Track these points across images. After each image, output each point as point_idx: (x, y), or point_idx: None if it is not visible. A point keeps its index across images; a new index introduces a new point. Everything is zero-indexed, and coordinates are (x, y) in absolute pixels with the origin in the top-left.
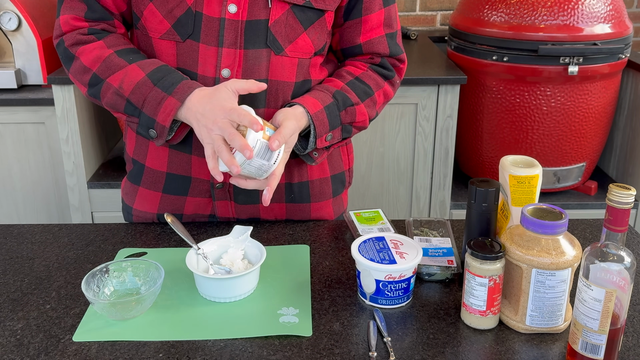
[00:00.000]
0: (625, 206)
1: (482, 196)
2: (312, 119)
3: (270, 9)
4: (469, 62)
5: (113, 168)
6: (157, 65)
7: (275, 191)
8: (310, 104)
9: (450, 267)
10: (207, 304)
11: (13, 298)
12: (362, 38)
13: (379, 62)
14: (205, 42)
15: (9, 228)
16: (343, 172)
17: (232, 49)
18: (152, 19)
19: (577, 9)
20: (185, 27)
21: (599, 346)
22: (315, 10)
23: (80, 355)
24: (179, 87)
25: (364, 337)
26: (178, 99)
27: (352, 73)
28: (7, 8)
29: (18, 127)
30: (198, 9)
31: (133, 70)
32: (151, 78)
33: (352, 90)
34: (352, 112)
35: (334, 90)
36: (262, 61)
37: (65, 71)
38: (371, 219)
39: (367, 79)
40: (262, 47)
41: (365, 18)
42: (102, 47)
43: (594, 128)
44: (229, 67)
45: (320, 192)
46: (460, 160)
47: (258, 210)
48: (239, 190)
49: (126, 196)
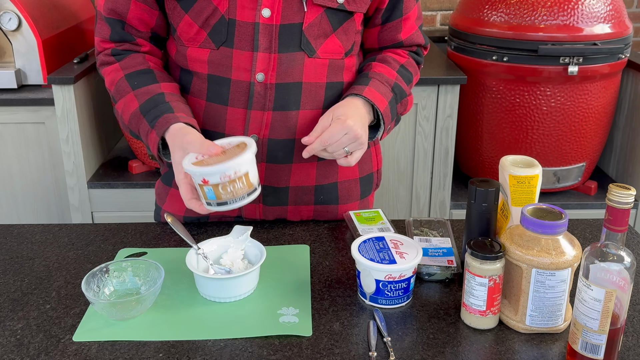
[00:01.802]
0: (625, 206)
1: (482, 196)
2: (382, 115)
3: (305, 12)
4: (469, 62)
5: (113, 168)
6: (152, 94)
7: (305, 193)
8: (379, 100)
9: (450, 267)
10: (207, 304)
11: (13, 298)
12: (404, 35)
13: (415, 50)
14: (240, 48)
15: (9, 228)
16: (372, 174)
17: (266, 53)
18: (188, 30)
19: (577, 9)
20: (219, 34)
21: (599, 346)
22: (346, 13)
23: (80, 355)
24: (158, 122)
25: (364, 337)
26: (157, 134)
27: (398, 61)
28: (7, 8)
29: (18, 127)
30: (231, 16)
31: (131, 101)
32: (141, 110)
33: (403, 79)
34: (405, 103)
35: (392, 82)
36: (296, 64)
37: (66, 71)
38: (371, 219)
39: (409, 67)
40: (296, 50)
41: (405, 17)
42: (117, 69)
43: (593, 128)
44: (263, 71)
45: (349, 194)
46: (460, 160)
47: (286, 211)
48: (268, 191)
49: (158, 197)
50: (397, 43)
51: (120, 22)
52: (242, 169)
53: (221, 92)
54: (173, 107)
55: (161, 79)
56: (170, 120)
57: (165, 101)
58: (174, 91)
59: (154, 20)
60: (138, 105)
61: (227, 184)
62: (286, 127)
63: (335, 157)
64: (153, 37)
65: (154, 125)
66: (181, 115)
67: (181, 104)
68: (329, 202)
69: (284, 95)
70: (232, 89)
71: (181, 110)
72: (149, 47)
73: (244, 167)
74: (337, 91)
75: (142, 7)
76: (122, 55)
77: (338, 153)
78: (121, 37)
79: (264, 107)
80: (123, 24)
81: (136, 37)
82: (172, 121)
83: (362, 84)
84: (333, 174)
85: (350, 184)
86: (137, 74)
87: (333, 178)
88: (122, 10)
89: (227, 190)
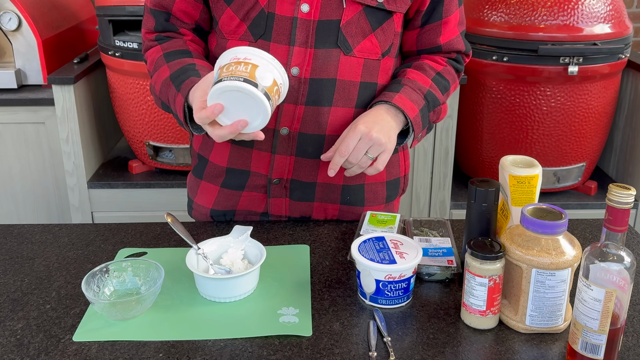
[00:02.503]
0: (625, 206)
1: (482, 196)
2: (411, 124)
3: (344, 9)
4: (468, 62)
5: (113, 168)
6: (184, 64)
7: (332, 191)
8: (409, 108)
9: (450, 267)
10: (207, 304)
11: (13, 298)
12: (443, 39)
13: (455, 57)
14: (277, 41)
15: (9, 228)
16: (399, 178)
17: (302, 47)
18: (229, 23)
19: (577, 9)
20: (258, 27)
21: (599, 346)
22: (385, 12)
23: (80, 355)
24: (185, 83)
25: (364, 337)
26: (182, 94)
27: (434, 68)
28: (7, 8)
29: (18, 127)
30: (270, 10)
31: (164, 71)
32: (171, 77)
33: (438, 88)
34: (439, 111)
35: (425, 90)
36: (331, 61)
37: (66, 71)
38: (382, 222)
39: (447, 74)
40: (332, 47)
41: (445, 20)
42: (158, 50)
43: (593, 128)
44: (299, 66)
45: (375, 197)
46: (460, 160)
47: (312, 208)
48: (296, 185)
49: (190, 190)
50: (435, 47)
51: (165, 13)
52: (254, 59)
53: None
54: (201, 73)
55: (197, 58)
56: (195, 82)
57: (194, 69)
58: (206, 65)
59: (198, 13)
60: (169, 74)
61: (232, 64)
62: (317, 122)
63: (364, 168)
64: (196, 29)
65: (180, 89)
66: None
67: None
68: (354, 203)
69: (317, 91)
70: None
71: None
72: (192, 37)
73: (256, 60)
74: (370, 92)
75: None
76: (165, 40)
77: (363, 161)
78: (164, 27)
79: (297, 101)
80: (168, 15)
81: (180, 27)
82: (197, 82)
83: (393, 90)
84: (361, 175)
85: (376, 187)
86: (175, 53)
87: (360, 179)
88: (168, 3)
89: (229, 70)
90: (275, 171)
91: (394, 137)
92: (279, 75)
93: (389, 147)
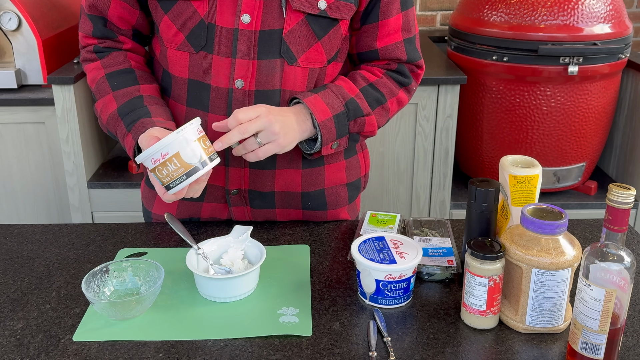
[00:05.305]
0: (625, 206)
1: (482, 196)
2: (319, 127)
3: (284, 18)
4: (469, 62)
5: (113, 168)
6: (130, 97)
7: (292, 198)
8: (320, 110)
9: (450, 267)
10: (207, 304)
11: (13, 298)
12: (380, 43)
13: (396, 68)
14: (219, 54)
15: (9, 228)
16: (359, 179)
17: (245, 59)
18: (167, 31)
19: (577, 9)
20: (198, 38)
21: (599, 346)
22: (329, 20)
23: (80, 355)
24: (135, 126)
25: (364, 337)
26: (133, 137)
27: (366, 79)
28: (7, 8)
29: (18, 127)
30: (211, 21)
31: (110, 102)
32: (119, 112)
33: (365, 98)
34: (362, 123)
35: (348, 97)
36: (275, 71)
37: (66, 71)
38: (382, 222)
39: (381, 86)
40: (275, 57)
41: (382, 22)
42: (99, 67)
43: (593, 128)
44: (242, 78)
45: (337, 200)
46: (460, 160)
47: (274, 214)
48: (255, 195)
49: (145, 200)
50: (372, 51)
51: (101, 19)
52: (169, 150)
53: (201, 98)
54: (151, 110)
55: (142, 80)
56: (146, 125)
57: (143, 105)
58: (154, 93)
59: (134, 19)
60: (116, 107)
61: (160, 167)
62: None
63: (247, 150)
64: (135, 35)
65: (130, 129)
66: (158, 120)
67: (159, 107)
68: (317, 208)
69: (263, 102)
70: (212, 95)
71: (159, 114)
72: (131, 44)
73: (172, 148)
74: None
75: (123, 5)
76: (104, 53)
77: (250, 143)
78: (103, 33)
79: None
80: (105, 21)
81: (118, 34)
82: (148, 126)
83: (314, 91)
84: (320, 181)
85: (337, 190)
86: (117, 74)
87: (319, 185)
88: (103, 8)
89: (163, 174)
90: (231, 182)
91: (291, 137)
92: (190, 129)
93: (280, 142)
